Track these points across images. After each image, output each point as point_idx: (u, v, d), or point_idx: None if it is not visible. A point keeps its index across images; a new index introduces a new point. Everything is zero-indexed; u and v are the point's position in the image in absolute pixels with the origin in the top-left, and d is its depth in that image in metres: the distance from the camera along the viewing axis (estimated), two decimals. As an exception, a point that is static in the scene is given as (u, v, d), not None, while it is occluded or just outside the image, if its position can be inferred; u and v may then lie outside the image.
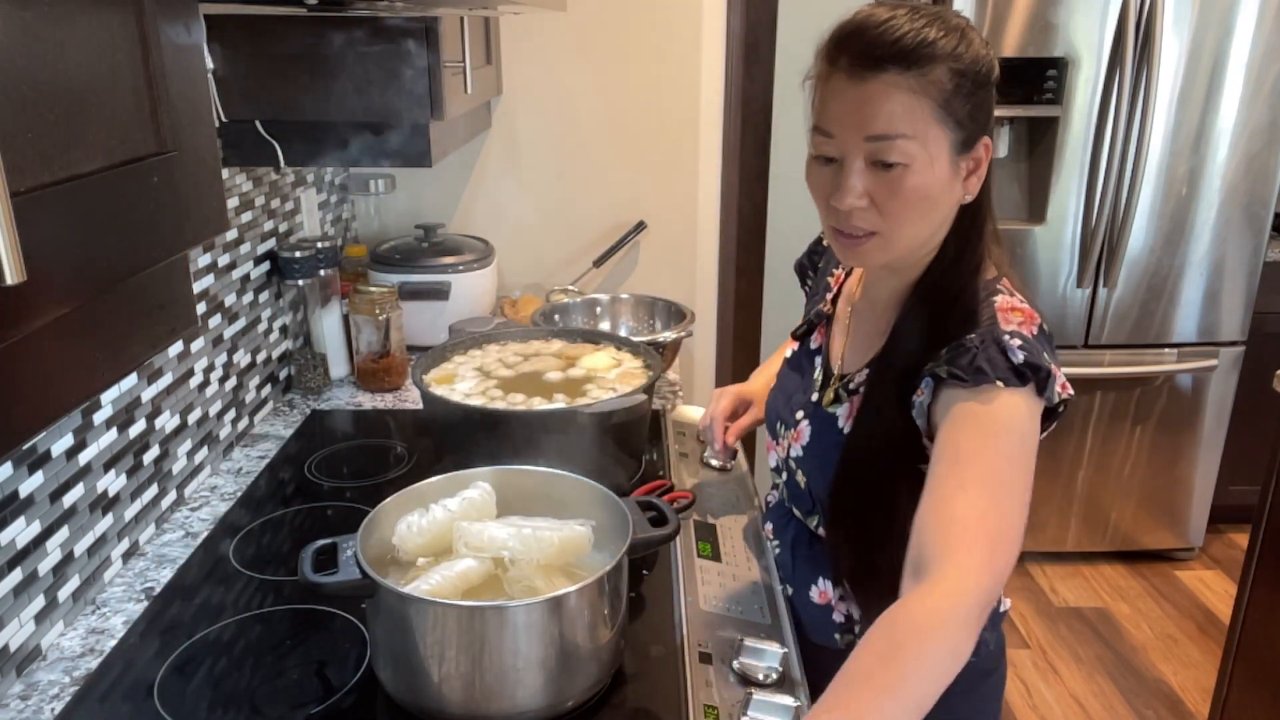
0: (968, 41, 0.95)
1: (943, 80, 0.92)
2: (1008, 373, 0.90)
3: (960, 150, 0.96)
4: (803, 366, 1.19)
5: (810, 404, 1.14)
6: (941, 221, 1.00)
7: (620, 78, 2.26)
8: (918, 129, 0.92)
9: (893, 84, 0.92)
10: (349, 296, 1.83)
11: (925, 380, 0.96)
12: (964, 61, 0.93)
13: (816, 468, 1.10)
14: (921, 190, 0.94)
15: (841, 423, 1.08)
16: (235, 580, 1.22)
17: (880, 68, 0.92)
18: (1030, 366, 0.91)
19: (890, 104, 0.92)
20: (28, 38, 0.51)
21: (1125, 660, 2.63)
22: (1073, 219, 2.74)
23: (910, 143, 0.92)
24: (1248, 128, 2.67)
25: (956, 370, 0.92)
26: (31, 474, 1.07)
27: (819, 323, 1.19)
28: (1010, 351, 0.91)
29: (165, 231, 0.67)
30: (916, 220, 0.97)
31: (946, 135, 0.94)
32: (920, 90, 0.92)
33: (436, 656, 0.91)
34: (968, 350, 0.93)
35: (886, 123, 0.92)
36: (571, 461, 1.16)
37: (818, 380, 1.15)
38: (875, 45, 0.92)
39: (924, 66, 0.91)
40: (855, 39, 0.94)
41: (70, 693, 1.02)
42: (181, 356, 1.42)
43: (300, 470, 1.52)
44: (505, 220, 2.34)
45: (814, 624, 1.15)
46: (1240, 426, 2.93)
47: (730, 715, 0.96)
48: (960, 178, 0.97)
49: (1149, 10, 2.53)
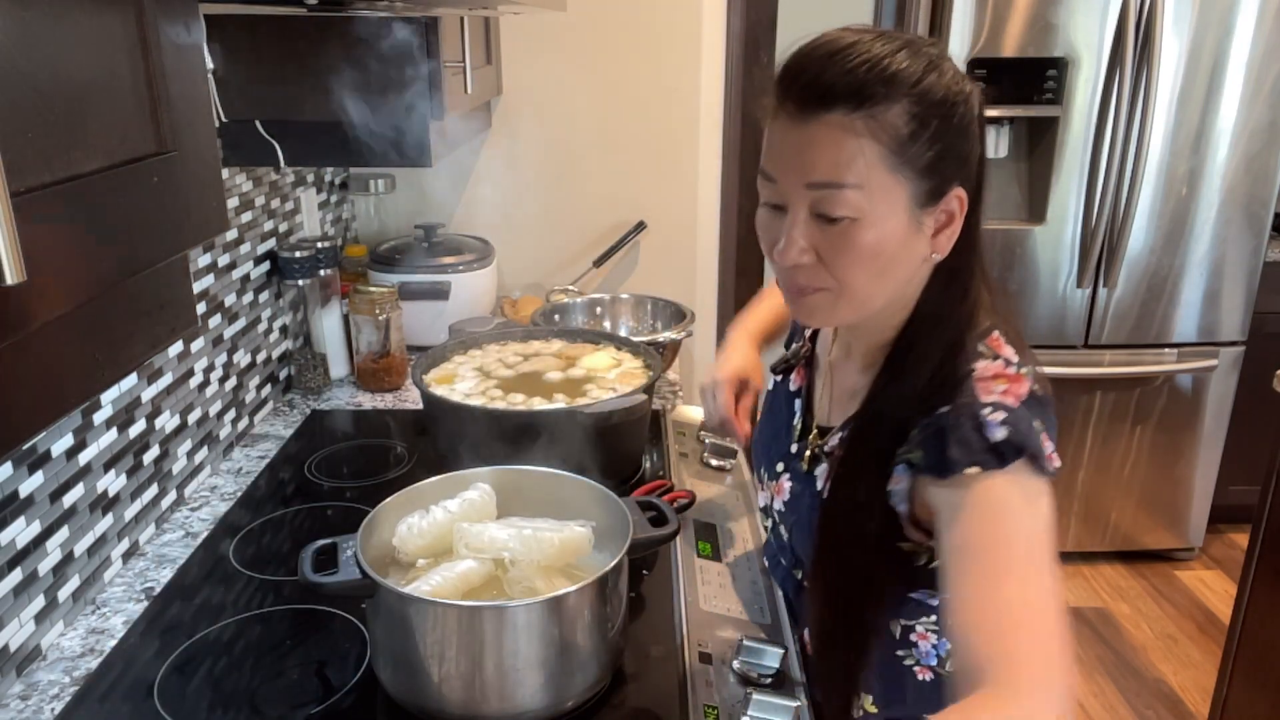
0: (940, 73, 0.82)
1: (897, 122, 0.80)
2: (985, 455, 0.80)
3: (923, 203, 0.84)
4: (783, 410, 1.10)
5: (789, 456, 1.06)
6: (904, 280, 0.89)
7: (620, 78, 2.26)
8: (866, 178, 0.81)
9: (838, 125, 0.81)
10: (349, 296, 1.83)
11: (899, 468, 0.87)
12: (930, 98, 0.81)
13: (797, 525, 1.04)
14: (872, 248, 0.83)
15: (819, 484, 0.99)
16: (235, 580, 1.22)
17: (825, 106, 0.81)
18: (1012, 446, 0.80)
19: (834, 149, 0.81)
20: (28, 38, 0.51)
21: (1125, 660, 2.63)
22: (1073, 219, 2.74)
23: (858, 193, 0.81)
24: (1248, 128, 2.67)
25: (930, 459, 0.83)
26: (31, 474, 1.07)
27: (797, 363, 1.09)
28: (988, 429, 0.81)
29: (165, 231, 0.67)
30: (869, 281, 0.86)
31: (902, 185, 0.82)
32: (869, 134, 0.80)
33: (436, 656, 0.91)
34: (940, 433, 0.83)
35: (830, 170, 0.82)
36: (571, 461, 1.16)
37: (796, 429, 1.06)
38: (820, 80, 0.81)
39: (876, 105, 0.80)
40: (802, 73, 0.82)
41: (70, 693, 1.02)
42: (181, 356, 1.42)
43: (300, 470, 1.52)
44: (505, 220, 2.34)
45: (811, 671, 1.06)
46: (1240, 426, 2.93)
47: (730, 715, 0.96)
48: (924, 233, 0.86)
49: (1149, 10, 2.53)
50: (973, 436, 0.81)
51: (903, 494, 0.88)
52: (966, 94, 0.84)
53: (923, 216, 0.85)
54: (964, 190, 0.86)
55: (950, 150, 0.84)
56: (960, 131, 0.84)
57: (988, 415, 0.82)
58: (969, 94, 0.85)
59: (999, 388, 0.85)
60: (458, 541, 1.00)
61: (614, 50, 2.24)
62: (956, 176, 0.85)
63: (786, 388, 1.12)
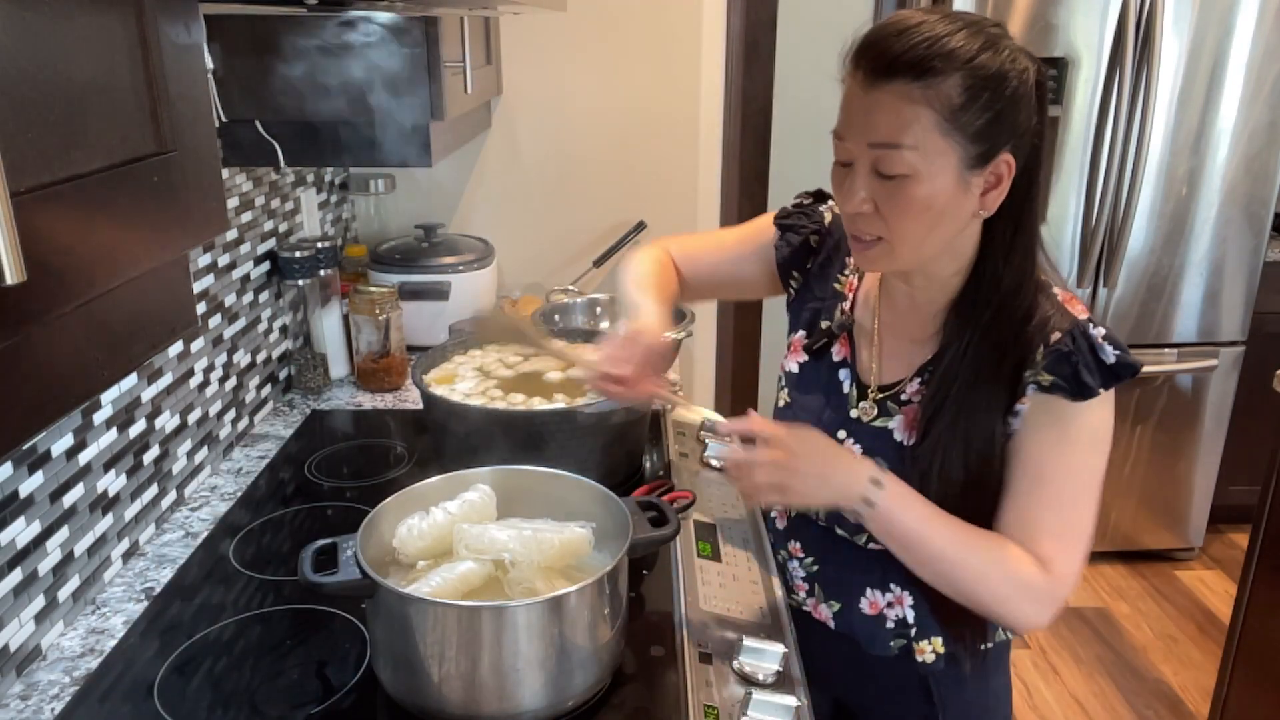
0: (995, 50, 0.91)
1: (952, 93, 0.90)
2: (1107, 377, 0.95)
3: (973, 165, 0.93)
4: (826, 382, 1.14)
5: (850, 421, 1.10)
6: (952, 234, 0.98)
7: (620, 78, 2.26)
8: (921, 140, 0.91)
9: (900, 94, 0.90)
10: (349, 296, 1.83)
11: (1030, 388, 0.98)
12: (983, 72, 0.90)
13: None
14: (924, 201, 0.93)
15: (899, 435, 1.06)
16: (235, 580, 1.22)
17: (890, 77, 0.91)
18: (1125, 367, 0.95)
19: (894, 114, 0.91)
20: (28, 38, 0.51)
21: (1125, 660, 2.64)
22: (1073, 219, 2.74)
23: (913, 153, 0.91)
24: (1248, 128, 2.67)
25: (1060, 381, 0.96)
26: (31, 474, 1.07)
27: (840, 334, 1.14)
28: (1102, 351, 0.95)
29: (165, 231, 0.67)
30: (920, 231, 0.95)
31: (954, 149, 0.92)
32: (926, 101, 0.90)
33: (436, 656, 0.91)
34: (1066, 357, 0.96)
35: (889, 132, 0.92)
36: (571, 461, 1.16)
37: (850, 396, 1.11)
38: (887, 54, 0.91)
39: (933, 77, 0.89)
40: (872, 46, 0.93)
41: (70, 693, 1.02)
42: (181, 356, 1.42)
43: (300, 470, 1.52)
44: (505, 220, 2.34)
45: (870, 636, 1.13)
46: (1240, 426, 2.93)
47: (730, 715, 0.96)
48: (973, 192, 0.95)
49: (1149, 10, 2.53)
50: (1092, 360, 0.96)
51: (1023, 414, 1.00)
52: (1021, 69, 0.93)
53: (971, 177, 0.94)
54: (1012, 156, 0.94)
55: (1001, 119, 0.92)
56: (1012, 103, 0.92)
57: (1097, 336, 0.96)
58: (1023, 69, 0.93)
59: (1079, 308, 1.00)
60: (458, 543, 1.00)
61: (614, 50, 2.24)
62: (1007, 143, 0.94)
63: (828, 361, 1.14)
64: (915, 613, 1.10)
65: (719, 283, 1.34)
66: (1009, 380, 0.99)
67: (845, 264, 1.18)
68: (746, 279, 1.29)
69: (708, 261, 1.32)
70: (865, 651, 1.14)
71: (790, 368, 1.20)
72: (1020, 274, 1.00)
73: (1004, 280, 1.00)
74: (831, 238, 1.21)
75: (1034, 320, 0.99)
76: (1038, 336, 0.98)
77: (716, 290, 1.40)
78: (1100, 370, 0.95)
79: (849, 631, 1.14)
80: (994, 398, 1.00)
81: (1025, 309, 0.99)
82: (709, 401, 2.66)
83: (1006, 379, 0.99)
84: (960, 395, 1.00)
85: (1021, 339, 0.99)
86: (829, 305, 1.17)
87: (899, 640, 1.12)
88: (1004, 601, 1.00)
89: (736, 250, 1.29)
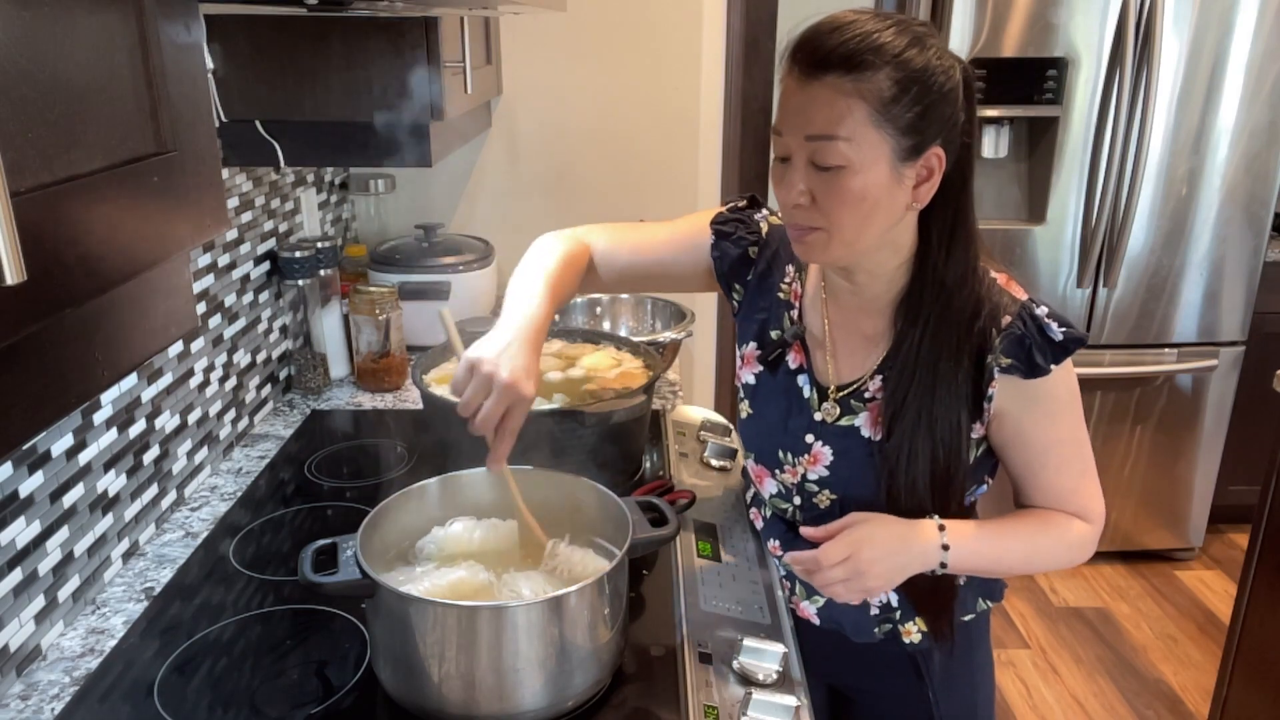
0: (922, 48, 0.95)
1: (882, 86, 0.93)
2: (1058, 354, 1.02)
3: (904, 157, 0.96)
4: (786, 390, 1.15)
5: (815, 424, 1.13)
6: (888, 225, 1.01)
7: (620, 78, 2.26)
8: (854, 132, 0.94)
9: (833, 87, 0.94)
10: (349, 296, 1.83)
11: (994, 369, 1.03)
12: (912, 67, 0.94)
13: (850, 480, 1.11)
14: (859, 192, 0.96)
15: (866, 432, 1.10)
16: (235, 580, 1.22)
17: (823, 71, 0.94)
18: (1073, 341, 1.02)
19: (828, 107, 0.94)
20: (28, 38, 0.51)
21: (1125, 660, 2.64)
22: (1073, 219, 2.74)
23: (847, 145, 0.94)
24: (1248, 128, 2.67)
25: (1016, 363, 1.02)
26: (31, 474, 1.07)
27: (793, 342, 1.16)
28: (1049, 330, 1.01)
29: (165, 231, 0.67)
30: (856, 221, 0.98)
31: (886, 140, 0.95)
32: (858, 94, 0.93)
33: (436, 656, 0.91)
34: (1019, 340, 1.02)
35: (824, 124, 0.95)
36: (571, 461, 1.16)
37: (811, 400, 1.13)
38: (820, 50, 0.95)
39: (865, 70, 0.93)
40: (807, 43, 0.96)
41: (70, 693, 1.02)
42: (181, 356, 1.42)
43: (300, 470, 1.52)
44: (505, 220, 2.34)
45: (855, 626, 1.18)
46: (1240, 426, 2.93)
47: (730, 715, 0.96)
48: (906, 185, 0.98)
49: (1149, 10, 2.53)
50: (1041, 339, 1.01)
51: (995, 396, 1.05)
52: (947, 66, 0.97)
53: (904, 169, 0.97)
54: (943, 150, 0.98)
55: (930, 113, 0.95)
56: (940, 97, 0.96)
57: (1045, 318, 1.02)
58: (950, 67, 0.97)
59: (1017, 288, 1.05)
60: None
61: (614, 50, 2.24)
62: (936, 137, 0.97)
63: (784, 369, 1.16)
64: (899, 595, 1.15)
65: (642, 277, 1.31)
66: (970, 369, 1.04)
67: (785, 272, 1.18)
68: (675, 276, 1.28)
69: (636, 256, 1.27)
70: (852, 641, 1.18)
71: (747, 379, 1.20)
72: (962, 265, 1.04)
73: (947, 272, 1.03)
74: (769, 248, 1.20)
75: (985, 309, 1.03)
76: (990, 323, 1.03)
77: (638, 284, 1.36)
78: (1050, 348, 1.02)
79: (834, 625, 1.18)
80: (955, 388, 1.04)
81: (974, 299, 1.04)
82: (709, 401, 2.66)
83: (967, 368, 1.04)
84: (921, 390, 1.04)
85: (975, 328, 1.03)
86: (776, 314, 1.18)
87: (885, 625, 1.17)
88: (1071, 562, 1.11)
89: (669, 248, 1.27)
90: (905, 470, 1.05)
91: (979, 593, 1.19)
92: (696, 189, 2.36)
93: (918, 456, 1.05)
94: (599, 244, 1.27)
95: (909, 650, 1.18)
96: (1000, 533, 1.09)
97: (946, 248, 1.03)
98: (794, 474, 1.15)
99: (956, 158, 1.00)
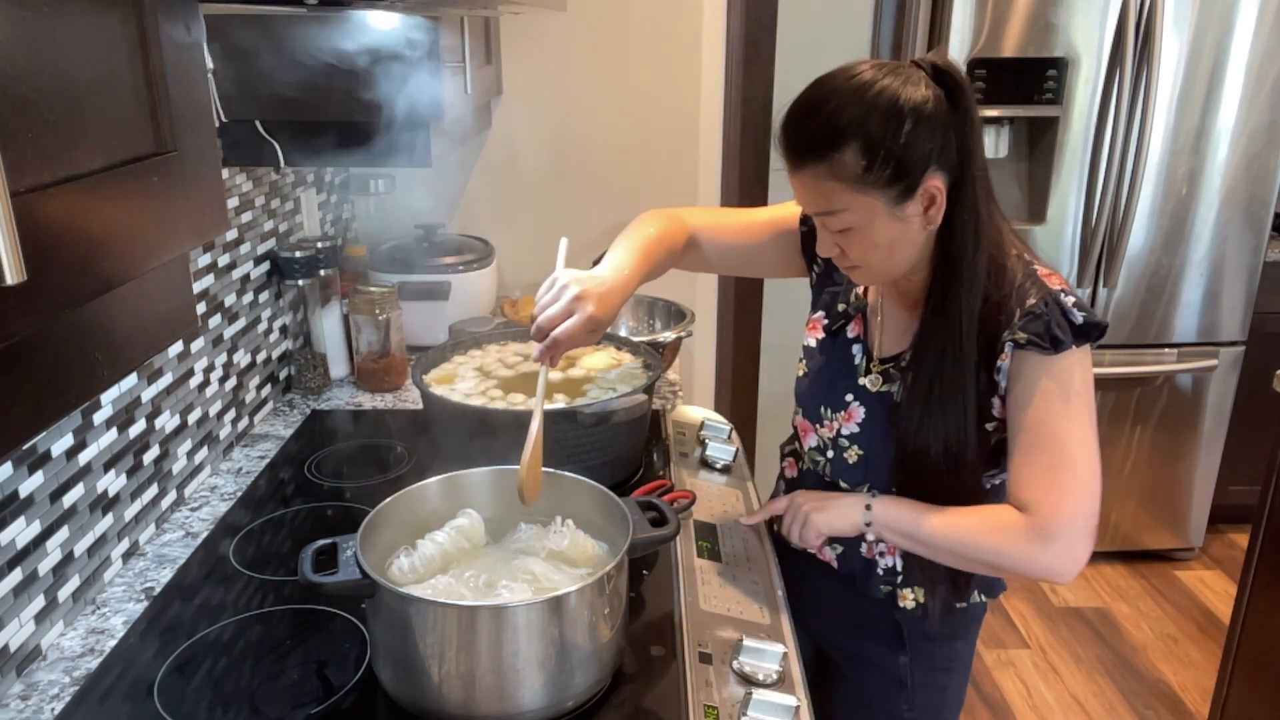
0: (889, 100, 1.00)
1: (850, 162, 1.02)
2: (1078, 335, 1.06)
3: (898, 202, 1.05)
4: (840, 355, 1.26)
5: (858, 388, 1.22)
6: (915, 250, 1.10)
7: (620, 78, 2.26)
8: (845, 203, 1.05)
9: (812, 174, 1.06)
10: (349, 296, 1.83)
11: (1008, 346, 1.08)
12: (875, 135, 1.00)
13: (874, 437, 1.21)
14: (872, 241, 1.08)
15: (897, 398, 1.18)
16: (235, 580, 1.22)
17: (800, 164, 1.06)
18: (1092, 327, 1.06)
19: (815, 191, 1.07)
20: (28, 38, 0.51)
21: (1125, 660, 2.64)
22: (1073, 219, 2.74)
23: (845, 213, 1.06)
24: (1248, 128, 2.67)
25: (1035, 339, 1.06)
26: (31, 474, 1.07)
27: (855, 314, 1.26)
28: (1071, 314, 1.06)
29: (165, 231, 0.68)
30: (881, 259, 1.10)
31: (875, 198, 1.04)
32: (832, 176, 1.04)
33: (436, 656, 0.91)
34: (1039, 317, 1.06)
35: (819, 204, 1.08)
36: (572, 461, 1.16)
37: (860, 367, 1.23)
38: (792, 146, 1.07)
39: (832, 153, 1.02)
40: (782, 139, 1.08)
41: (70, 693, 1.02)
42: (181, 356, 1.42)
43: (300, 470, 1.52)
44: (505, 220, 2.34)
45: (865, 576, 1.25)
46: (1240, 426, 2.93)
47: (730, 715, 0.96)
48: (913, 218, 1.06)
49: (1149, 10, 2.53)
50: (1063, 321, 1.06)
51: (1005, 370, 1.10)
52: (920, 101, 1.02)
53: (905, 209, 1.06)
54: (939, 173, 1.05)
55: (906, 157, 1.02)
56: (914, 137, 1.02)
57: (1067, 302, 1.07)
58: (918, 104, 1.02)
59: (1056, 282, 1.10)
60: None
61: (614, 50, 2.24)
62: (925, 169, 1.04)
63: (844, 336, 1.27)
64: (903, 562, 1.22)
65: (737, 260, 1.41)
66: (986, 342, 1.10)
67: None
68: (766, 260, 1.38)
69: (734, 238, 1.38)
70: (857, 593, 1.26)
71: (809, 343, 1.32)
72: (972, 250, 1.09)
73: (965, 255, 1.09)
74: None
75: (1010, 292, 1.09)
76: (1014, 302, 1.08)
77: (732, 267, 1.47)
78: (1071, 329, 1.06)
79: (849, 572, 1.26)
80: (968, 363, 1.10)
81: (999, 283, 1.10)
82: (709, 401, 2.66)
83: (984, 342, 1.10)
84: (934, 360, 1.11)
85: (996, 304, 1.09)
86: (845, 290, 1.29)
87: (886, 586, 1.24)
88: (1002, 554, 1.10)
89: (767, 231, 1.36)
90: (915, 433, 1.13)
91: (976, 585, 1.25)
92: (696, 189, 2.36)
93: (929, 421, 1.11)
94: (701, 226, 1.37)
95: (898, 616, 1.25)
96: (927, 506, 1.14)
97: (974, 236, 1.09)
98: (831, 429, 1.25)
99: (959, 166, 1.06)
